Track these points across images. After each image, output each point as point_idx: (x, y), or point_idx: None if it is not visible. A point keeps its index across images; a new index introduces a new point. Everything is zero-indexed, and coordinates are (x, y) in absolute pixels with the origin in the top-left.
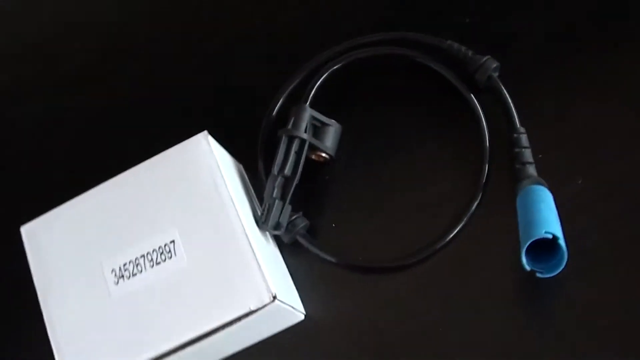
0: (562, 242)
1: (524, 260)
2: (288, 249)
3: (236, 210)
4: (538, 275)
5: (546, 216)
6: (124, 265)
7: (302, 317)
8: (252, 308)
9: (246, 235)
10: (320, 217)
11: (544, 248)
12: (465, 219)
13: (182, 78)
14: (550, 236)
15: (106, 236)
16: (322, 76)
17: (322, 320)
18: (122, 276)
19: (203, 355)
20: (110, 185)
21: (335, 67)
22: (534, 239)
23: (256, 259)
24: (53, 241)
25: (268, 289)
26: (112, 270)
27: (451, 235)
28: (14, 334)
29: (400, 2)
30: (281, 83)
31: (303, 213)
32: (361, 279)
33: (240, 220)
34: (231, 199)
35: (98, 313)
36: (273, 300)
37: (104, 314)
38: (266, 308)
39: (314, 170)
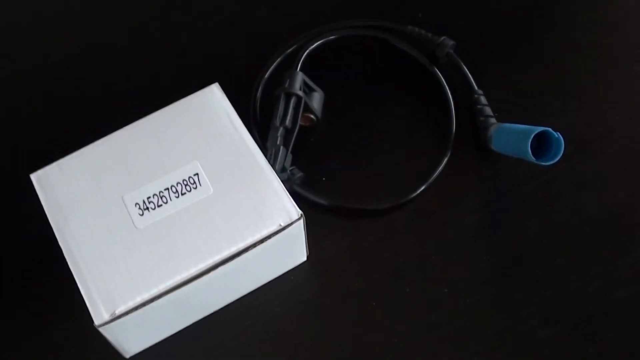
0: (558, 134)
1: (530, 153)
2: None
3: (254, 142)
4: (541, 163)
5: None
6: (148, 198)
7: (305, 257)
8: (282, 224)
9: (267, 163)
10: (310, 173)
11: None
12: (439, 169)
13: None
14: (551, 129)
15: (125, 176)
16: (309, 47)
17: (321, 259)
18: (147, 208)
19: (225, 285)
20: (125, 131)
21: (320, 42)
22: (540, 131)
23: (279, 183)
24: (67, 184)
25: (295, 207)
26: (136, 204)
27: (430, 180)
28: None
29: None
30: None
31: None
32: (350, 222)
33: (259, 150)
34: (248, 133)
35: (124, 244)
36: (300, 218)
37: (131, 244)
38: (294, 225)
39: (300, 135)
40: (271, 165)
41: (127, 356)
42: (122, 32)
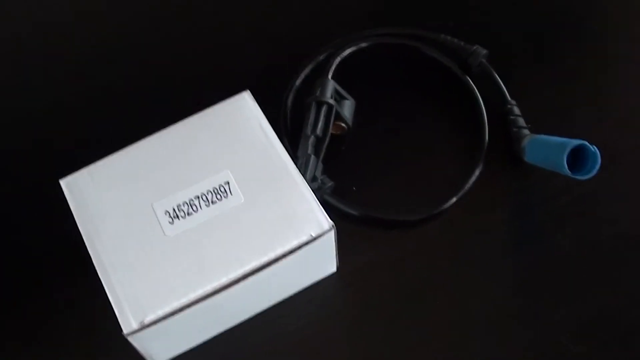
0: (595, 147)
1: (565, 167)
2: None
3: (285, 151)
4: (577, 177)
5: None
6: (178, 206)
7: (335, 268)
8: (313, 235)
9: (298, 172)
10: (341, 182)
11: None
12: (471, 180)
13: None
14: (587, 143)
15: (155, 183)
16: (341, 55)
17: (351, 270)
18: (177, 216)
19: (254, 295)
20: (155, 138)
21: (351, 50)
22: (576, 144)
23: (310, 193)
24: (97, 191)
25: (326, 218)
26: (166, 212)
27: (462, 192)
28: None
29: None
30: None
31: None
32: (380, 233)
33: (290, 159)
34: (279, 142)
35: (154, 252)
36: (331, 229)
37: (160, 253)
38: (325, 236)
39: (331, 143)
40: (302, 175)
41: None
42: (152, 38)
